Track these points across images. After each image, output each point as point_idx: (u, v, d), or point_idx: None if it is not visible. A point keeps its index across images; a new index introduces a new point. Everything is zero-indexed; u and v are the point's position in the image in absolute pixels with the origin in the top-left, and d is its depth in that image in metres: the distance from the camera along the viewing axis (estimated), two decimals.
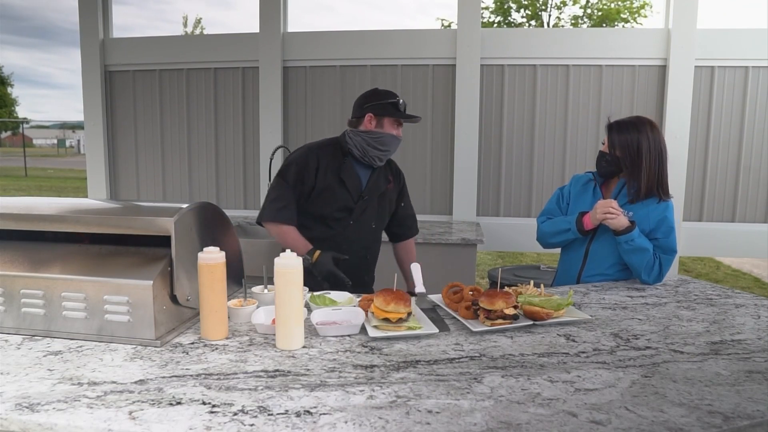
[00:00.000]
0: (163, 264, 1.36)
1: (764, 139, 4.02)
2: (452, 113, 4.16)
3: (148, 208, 1.51)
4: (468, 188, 4.15)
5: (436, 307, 1.69)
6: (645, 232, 2.04)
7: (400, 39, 4.19)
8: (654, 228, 2.05)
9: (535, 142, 4.18)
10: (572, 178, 2.32)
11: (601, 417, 1.00)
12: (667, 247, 2.05)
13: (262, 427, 0.96)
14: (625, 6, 17.30)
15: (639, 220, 2.04)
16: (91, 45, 4.41)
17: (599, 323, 1.56)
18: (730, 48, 3.94)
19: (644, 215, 2.05)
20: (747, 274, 7.24)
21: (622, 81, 4.06)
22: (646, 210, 2.05)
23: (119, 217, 1.44)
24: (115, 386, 1.12)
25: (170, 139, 4.47)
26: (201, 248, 1.40)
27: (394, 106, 2.16)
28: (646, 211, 2.05)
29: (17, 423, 0.98)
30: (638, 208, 2.06)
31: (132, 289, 1.31)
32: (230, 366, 1.23)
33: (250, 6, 5.10)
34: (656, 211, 2.05)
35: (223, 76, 4.38)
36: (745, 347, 1.37)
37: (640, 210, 2.06)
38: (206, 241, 1.51)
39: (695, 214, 4.12)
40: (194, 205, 1.48)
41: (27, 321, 1.38)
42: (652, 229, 2.05)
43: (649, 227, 2.05)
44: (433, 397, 1.08)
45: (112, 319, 1.34)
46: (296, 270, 1.34)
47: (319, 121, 4.27)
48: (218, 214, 1.62)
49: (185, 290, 1.44)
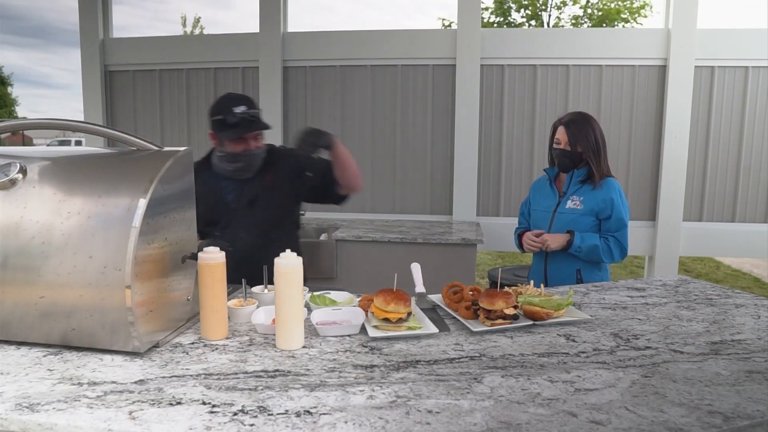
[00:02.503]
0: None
1: (764, 139, 4.02)
2: (452, 113, 4.16)
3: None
4: (468, 188, 4.16)
5: (436, 307, 1.69)
6: (595, 210, 2.30)
7: (400, 39, 4.19)
8: (602, 207, 2.29)
9: (535, 142, 4.18)
10: (532, 184, 2.62)
11: (601, 417, 1.00)
12: (617, 222, 2.29)
13: (262, 427, 0.96)
14: (625, 6, 17.31)
15: (589, 199, 2.31)
16: (91, 45, 4.41)
17: (599, 323, 1.56)
18: (730, 48, 3.94)
19: (592, 196, 2.31)
20: (747, 274, 7.24)
21: (622, 81, 4.06)
22: (594, 192, 2.31)
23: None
24: (115, 386, 1.12)
25: (170, 139, 4.46)
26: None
27: (221, 123, 2.00)
28: (594, 193, 2.31)
29: (17, 423, 0.98)
30: (586, 191, 2.32)
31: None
32: (230, 366, 1.23)
33: (249, 6, 5.10)
34: (602, 191, 2.30)
35: (223, 76, 4.38)
36: (745, 347, 1.37)
37: (588, 192, 2.32)
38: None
39: (695, 214, 4.12)
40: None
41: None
42: (601, 208, 2.29)
43: (597, 206, 2.29)
44: (433, 397, 1.08)
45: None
46: (296, 270, 1.34)
47: (319, 122, 4.27)
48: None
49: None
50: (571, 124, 2.31)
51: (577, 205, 2.32)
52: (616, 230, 2.29)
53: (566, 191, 2.37)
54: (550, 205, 2.40)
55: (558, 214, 2.37)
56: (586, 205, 2.30)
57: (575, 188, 2.35)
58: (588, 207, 2.30)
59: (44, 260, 1.27)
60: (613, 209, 2.28)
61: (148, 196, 1.28)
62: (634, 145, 4.09)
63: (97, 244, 1.26)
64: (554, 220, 2.37)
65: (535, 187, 2.56)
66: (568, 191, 2.36)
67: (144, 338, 1.28)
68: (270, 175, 2.17)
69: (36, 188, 1.35)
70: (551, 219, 2.38)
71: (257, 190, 2.15)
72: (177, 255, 1.42)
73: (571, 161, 2.32)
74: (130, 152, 1.47)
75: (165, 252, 1.36)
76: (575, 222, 2.31)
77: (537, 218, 2.46)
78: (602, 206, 2.29)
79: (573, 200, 2.33)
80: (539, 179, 2.58)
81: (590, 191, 2.31)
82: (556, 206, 2.38)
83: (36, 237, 1.29)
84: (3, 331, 1.32)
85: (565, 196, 2.36)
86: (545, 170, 2.50)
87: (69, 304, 1.26)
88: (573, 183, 2.36)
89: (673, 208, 4.02)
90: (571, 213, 2.33)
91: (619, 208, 2.29)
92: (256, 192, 2.15)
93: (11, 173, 1.36)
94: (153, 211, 1.29)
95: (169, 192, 1.37)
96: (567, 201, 2.35)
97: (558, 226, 2.35)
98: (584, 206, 2.31)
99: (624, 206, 2.31)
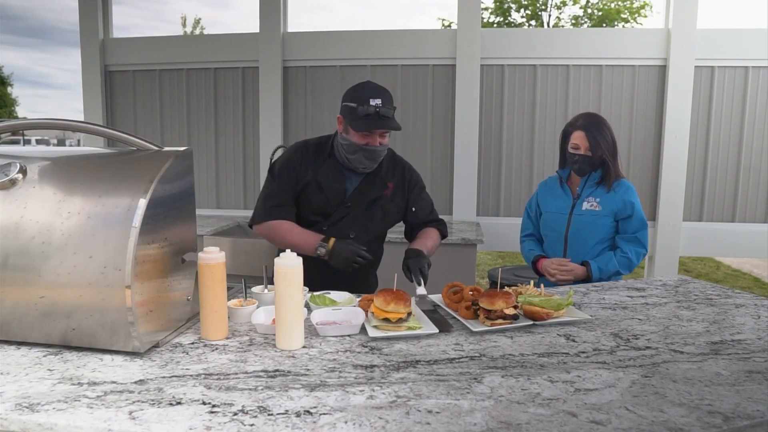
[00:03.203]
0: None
1: (764, 139, 4.02)
2: (452, 113, 4.16)
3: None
4: (468, 188, 4.16)
5: (437, 308, 1.69)
6: (614, 211, 2.28)
7: (400, 39, 4.19)
8: (621, 208, 2.27)
9: (535, 142, 4.18)
10: (538, 186, 2.55)
11: (601, 417, 1.00)
12: (638, 223, 2.28)
13: (262, 427, 0.96)
14: (625, 6, 17.30)
15: (607, 201, 2.28)
16: (91, 45, 4.41)
17: (599, 323, 1.56)
18: (730, 48, 3.94)
19: (610, 197, 2.28)
20: (747, 274, 7.24)
21: (622, 81, 4.06)
22: (610, 193, 2.28)
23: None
24: (115, 386, 1.12)
25: (170, 140, 4.46)
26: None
27: (352, 111, 1.87)
28: (611, 194, 2.28)
29: (17, 423, 0.98)
30: (602, 193, 2.29)
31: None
32: (230, 366, 1.23)
33: (249, 6, 5.11)
34: (619, 193, 2.28)
35: (223, 76, 4.38)
36: (745, 347, 1.37)
37: (604, 194, 2.29)
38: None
39: (695, 214, 4.12)
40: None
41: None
42: (620, 209, 2.27)
43: (616, 207, 2.27)
44: (433, 397, 1.08)
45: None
46: (296, 270, 1.34)
47: (319, 121, 4.27)
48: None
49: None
50: (590, 128, 2.25)
51: (594, 206, 2.28)
52: (636, 230, 2.27)
53: (581, 193, 2.32)
54: (564, 207, 2.35)
55: (575, 216, 2.31)
56: (604, 206, 2.27)
57: (591, 190, 2.31)
58: (607, 209, 2.27)
59: (44, 260, 1.27)
60: (633, 210, 2.26)
61: (148, 196, 1.28)
62: (634, 145, 4.09)
63: (97, 244, 1.26)
64: (571, 223, 2.32)
65: (545, 188, 2.49)
66: (583, 193, 2.32)
67: (144, 338, 1.28)
68: (391, 183, 2.08)
69: (36, 188, 1.35)
70: (568, 221, 2.32)
71: (378, 193, 2.05)
72: (177, 255, 1.42)
73: (591, 167, 2.28)
74: (130, 152, 1.47)
75: (165, 252, 1.36)
76: (593, 224, 2.27)
77: (550, 220, 2.39)
78: (621, 207, 2.26)
79: (590, 201, 2.29)
80: (548, 180, 2.52)
81: (606, 193, 2.29)
82: (572, 208, 2.33)
83: (36, 237, 1.29)
84: (3, 331, 1.32)
85: (580, 198, 2.32)
86: (558, 172, 2.44)
87: (69, 304, 1.26)
88: (589, 185, 2.32)
89: (673, 208, 4.02)
90: (589, 215, 2.28)
91: (639, 209, 2.28)
92: (377, 194, 2.05)
93: (11, 173, 1.36)
94: (153, 211, 1.29)
95: (169, 192, 1.37)
96: (583, 202, 2.30)
97: (575, 228, 2.31)
98: (603, 208, 2.27)
99: (640, 206, 2.31)
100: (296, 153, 2.04)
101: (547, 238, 2.41)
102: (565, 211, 2.34)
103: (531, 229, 2.50)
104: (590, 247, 2.30)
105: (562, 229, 2.33)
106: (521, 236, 2.53)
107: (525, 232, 2.52)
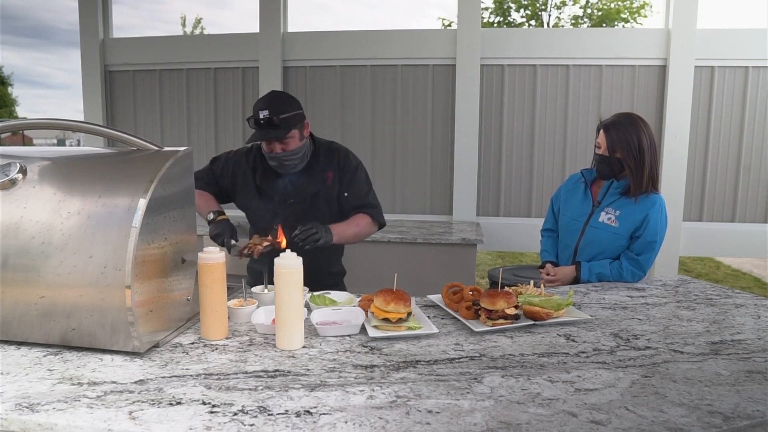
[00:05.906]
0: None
1: (764, 139, 4.02)
2: (452, 113, 4.16)
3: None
4: (468, 188, 4.16)
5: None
6: (630, 230, 2.07)
7: (400, 39, 4.19)
8: (638, 226, 2.07)
9: (535, 142, 4.18)
10: (569, 177, 2.37)
11: (601, 417, 1.00)
12: (643, 246, 2.06)
13: (262, 427, 0.96)
14: (625, 6, 17.31)
15: (626, 215, 2.06)
16: (91, 45, 4.42)
17: (599, 323, 1.56)
18: (730, 48, 3.94)
19: (630, 211, 2.07)
20: (747, 274, 7.24)
21: (622, 81, 4.06)
22: (633, 206, 2.06)
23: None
24: (115, 386, 1.12)
25: (170, 139, 4.47)
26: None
27: (249, 122, 1.99)
28: (633, 208, 2.06)
29: (17, 423, 0.98)
30: (625, 204, 2.08)
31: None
32: (230, 366, 1.23)
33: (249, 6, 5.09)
34: (642, 208, 2.06)
35: (223, 76, 4.38)
36: (745, 347, 1.37)
37: (627, 206, 2.07)
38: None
39: (695, 214, 4.13)
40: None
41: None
42: (637, 227, 2.07)
43: (634, 225, 2.07)
44: (433, 397, 1.08)
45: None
46: (296, 270, 1.34)
47: (319, 121, 4.27)
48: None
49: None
50: (612, 127, 2.05)
51: (612, 221, 2.08)
52: (640, 252, 2.06)
53: (601, 200, 2.13)
54: (583, 213, 2.17)
55: (590, 227, 2.13)
56: (622, 222, 2.06)
57: (612, 199, 2.10)
58: (624, 226, 2.06)
59: (44, 260, 1.27)
60: (646, 230, 2.05)
61: (148, 196, 1.28)
62: None
63: (97, 244, 1.26)
64: (584, 234, 2.15)
65: (569, 186, 2.30)
66: (604, 201, 2.12)
67: (144, 338, 1.28)
68: (331, 174, 2.13)
69: (36, 188, 1.35)
70: (582, 231, 2.15)
71: (318, 186, 2.11)
72: (177, 255, 1.42)
73: (609, 168, 2.07)
74: (130, 152, 1.47)
75: (165, 252, 1.36)
76: (606, 242, 2.09)
77: (566, 225, 2.23)
78: (638, 225, 2.06)
79: (608, 213, 2.09)
80: (573, 177, 2.31)
81: (629, 205, 2.06)
82: (589, 217, 2.14)
83: (36, 237, 1.29)
84: (3, 331, 1.32)
85: (600, 207, 2.12)
86: (582, 171, 2.24)
87: (69, 304, 1.26)
88: (610, 193, 2.12)
89: (674, 208, 4.01)
90: (604, 230, 2.09)
91: (652, 230, 2.05)
92: (318, 187, 2.11)
93: (11, 173, 1.36)
94: (153, 211, 1.29)
95: (169, 192, 1.37)
96: (601, 213, 2.11)
97: (587, 240, 2.14)
98: (620, 224, 2.06)
99: (660, 229, 2.07)
100: (233, 158, 2.21)
101: (561, 242, 2.28)
102: (582, 218, 2.16)
103: (551, 224, 2.36)
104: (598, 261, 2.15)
105: (574, 238, 2.18)
106: (542, 229, 2.40)
107: (545, 226, 2.38)
